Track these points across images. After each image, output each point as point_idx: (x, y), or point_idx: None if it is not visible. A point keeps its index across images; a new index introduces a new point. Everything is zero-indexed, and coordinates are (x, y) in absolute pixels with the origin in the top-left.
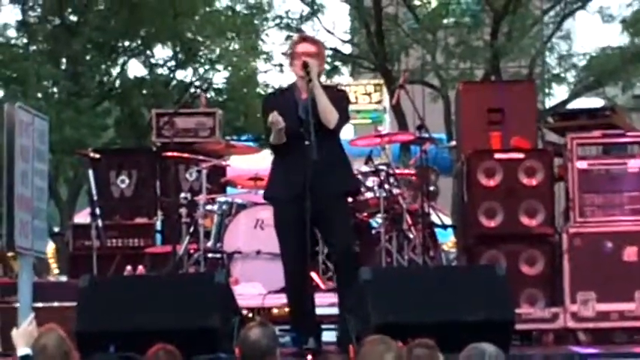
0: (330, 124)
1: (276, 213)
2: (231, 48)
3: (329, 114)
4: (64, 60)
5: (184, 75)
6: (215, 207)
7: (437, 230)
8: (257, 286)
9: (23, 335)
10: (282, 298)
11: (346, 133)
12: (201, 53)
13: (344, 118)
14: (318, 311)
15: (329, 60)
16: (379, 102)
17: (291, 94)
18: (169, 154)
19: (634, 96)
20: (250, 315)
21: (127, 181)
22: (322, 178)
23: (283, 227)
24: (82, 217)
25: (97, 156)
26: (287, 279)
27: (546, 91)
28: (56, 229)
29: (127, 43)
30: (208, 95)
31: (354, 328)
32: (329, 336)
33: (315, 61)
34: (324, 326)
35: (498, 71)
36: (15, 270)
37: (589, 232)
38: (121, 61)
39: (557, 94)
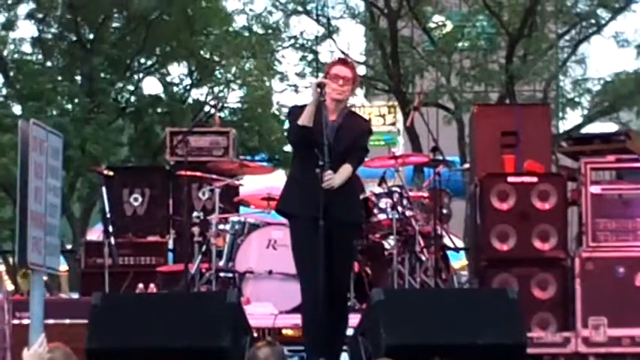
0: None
1: (292, 228)
2: (246, 68)
3: (348, 176)
4: (78, 77)
5: (199, 94)
6: (227, 226)
7: (449, 253)
8: (268, 306)
9: (33, 357)
10: (294, 319)
11: None
12: (216, 72)
13: (362, 157)
14: None
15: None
16: (393, 124)
17: (319, 111)
18: (183, 172)
19: None
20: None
21: (140, 199)
22: (335, 204)
23: (299, 244)
24: (95, 235)
25: (111, 173)
26: (302, 295)
27: (560, 115)
28: (69, 247)
29: (142, 61)
30: (223, 114)
31: (366, 349)
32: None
33: (350, 87)
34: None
35: (513, 95)
36: (21, 288)
37: (601, 256)
38: (136, 78)
39: (572, 118)
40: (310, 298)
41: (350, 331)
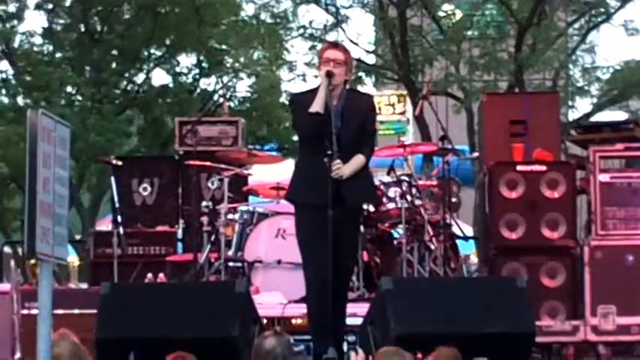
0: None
1: (298, 216)
2: (255, 57)
3: (359, 167)
4: (87, 68)
5: (208, 83)
6: (236, 216)
7: (458, 241)
8: (277, 296)
9: None
10: (303, 308)
11: None
12: (225, 62)
13: (373, 145)
14: None
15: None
16: (402, 113)
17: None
18: (192, 162)
19: None
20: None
21: (149, 188)
22: (343, 191)
23: (306, 232)
24: (104, 225)
25: (120, 163)
26: (308, 285)
27: (570, 103)
28: (78, 237)
29: (151, 51)
30: (232, 104)
31: (375, 338)
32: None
33: (343, 69)
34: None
35: (522, 83)
36: (35, 277)
37: (610, 245)
38: (145, 68)
39: (581, 106)
40: (316, 288)
41: (359, 320)
